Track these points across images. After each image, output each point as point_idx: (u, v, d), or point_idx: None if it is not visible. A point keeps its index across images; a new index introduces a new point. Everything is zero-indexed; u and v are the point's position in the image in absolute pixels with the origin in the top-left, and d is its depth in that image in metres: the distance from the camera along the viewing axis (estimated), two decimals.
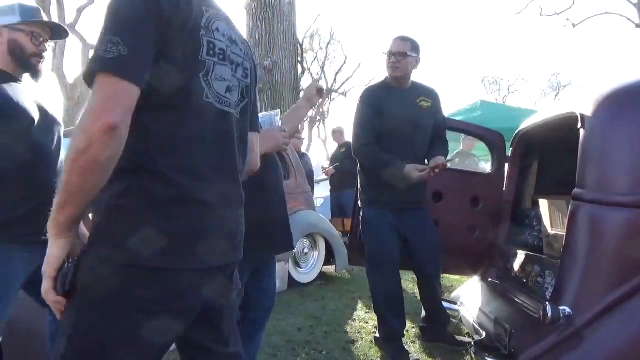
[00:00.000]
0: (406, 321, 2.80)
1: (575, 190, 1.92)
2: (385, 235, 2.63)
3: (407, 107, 2.65)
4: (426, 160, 2.75)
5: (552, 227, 2.58)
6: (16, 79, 1.75)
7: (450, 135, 2.96)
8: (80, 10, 12.54)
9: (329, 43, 22.45)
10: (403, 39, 2.64)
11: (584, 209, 1.89)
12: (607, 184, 1.85)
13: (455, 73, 50.07)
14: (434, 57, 47.54)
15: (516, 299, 2.41)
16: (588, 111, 1.97)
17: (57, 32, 1.85)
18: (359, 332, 3.22)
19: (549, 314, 1.76)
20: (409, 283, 4.39)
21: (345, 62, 22.93)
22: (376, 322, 2.86)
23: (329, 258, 4.87)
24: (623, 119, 1.86)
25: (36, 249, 1.63)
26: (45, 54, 1.81)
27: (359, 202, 2.83)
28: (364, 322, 3.45)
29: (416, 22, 51.45)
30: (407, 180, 2.50)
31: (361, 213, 2.79)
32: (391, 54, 2.62)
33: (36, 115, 1.71)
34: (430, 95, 2.76)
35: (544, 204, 2.68)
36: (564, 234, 2.03)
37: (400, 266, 2.71)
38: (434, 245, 2.73)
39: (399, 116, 2.62)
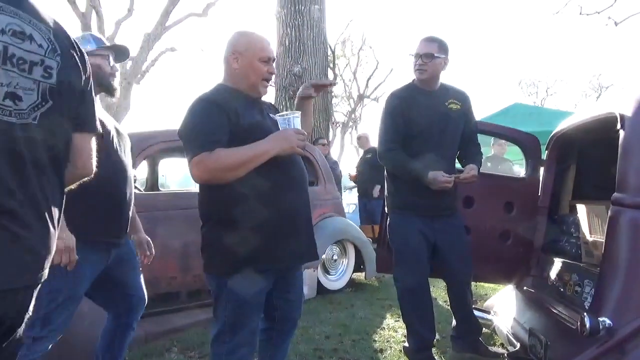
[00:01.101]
0: (436, 330, 2.72)
1: (615, 194, 1.82)
2: (413, 241, 2.56)
3: (435, 110, 2.58)
4: (458, 165, 2.67)
5: (591, 233, 2.46)
6: None
7: (480, 139, 2.87)
8: (118, 23, 12.93)
9: (360, 49, 22.41)
10: (430, 40, 2.56)
11: (625, 214, 1.79)
12: None
13: (491, 76, 49.07)
14: (469, 60, 46.86)
15: (552, 309, 2.30)
16: (628, 111, 1.87)
17: (119, 55, 2.16)
18: (387, 341, 3.15)
19: (588, 325, 1.67)
20: (440, 291, 4.28)
21: (377, 68, 22.80)
22: (405, 331, 2.79)
23: (359, 265, 4.81)
24: None
25: (103, 251, 1.96)
26: (117, 73, 2.10)
27: (386, 208, 2.78)
28: (393, 330, 3.37)
29: (450, 24, 50.89)
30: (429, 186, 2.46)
31: (388, 219, 2.73)
32: (418, 55, 2.54)
33: (112, 129, 2.00)
34: (460, 97, 2.67)
35: (582, 210, 2.56)
36: (604, 240, 1.92)
37: (429, 273, 2.64)
38: (465, 252, 2.64)
39: (426, 119, 2.56)
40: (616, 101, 2.04)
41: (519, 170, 6.08)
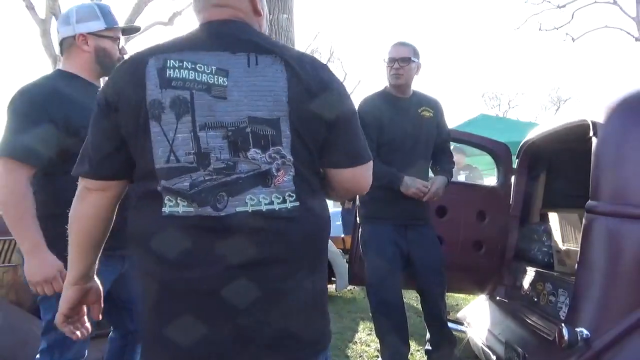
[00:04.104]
0: (410, 344, 2.65)
1: (589, 202, 1.80)
2: (386, 252, 2.49)
3: (408, 117, 2.54)
4: (431, 173, 2.64)
5: (563, 242, 2.45)
6: (95, 86, 1.74)
7: None
8: None
9: (328, 60, 22.50)
10: (404, 44, 2.55)
11: (600, 222, 1.76)
12: (625, 194, 1.73)
13: (455, 89, 50.27)
14: (433, 73, 47.94)
15: (527, 320, 2.27)
16: (600, 118, 1.86)
17: (129, 30, 1.85)
18: (360, 356, 3.06)
19: (566, 337, 1.63)
20: (412, 302, 4.23)
21: (344, 79, 22.94)
22: (378, 345, 2.71)
23: (329, 276, 4.71)
24: (638, 124, 1.75)
25: (116, 261, 1.73)
26: (125, 57, 1.75)
27: (358, 218, 2.70)
28: (366, 344, 3.29)
29: (415, 37, 51.96)
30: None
31: (360, 229, 2.66)
32: (393, 60, 2.51)
33: None
34: (432, 104, 2.65)
35: (554, 218, 2.55)
36: (577, 249, 1.90)
37: (402, 285, 2.57)
38: (439, 263, 2.59)
39: (399, 127, 2.51)
40: (588, 109, 2.03)
41: (488, 180, 6.13)
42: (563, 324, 1.68)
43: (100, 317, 1.28)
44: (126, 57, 1.75)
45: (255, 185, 1.00)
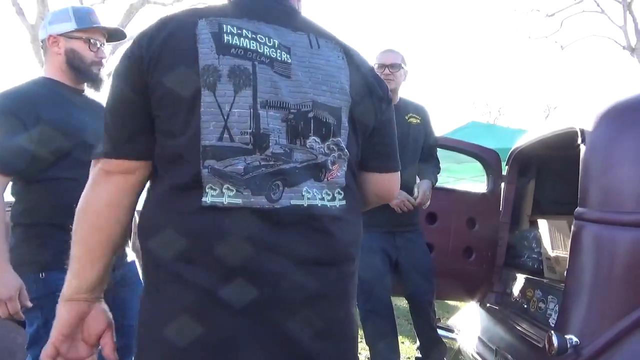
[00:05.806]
0: (400, 351, 2.64)
1: (578, 209, 1.80)
2: (374, 260, 2.48)
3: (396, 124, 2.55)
4: (417, 178, 2.64)
5: (552, 249, 2.46)
6: (78, 91, 1.70)
7: None
8: None
9: None
10: (393, 51, 2.58)
11: (589, 229, 1.76)
12: (613, 201, 1.74)
13: (445, 96, 50.68)
14: (424, 81, 48.29)
15: (517, 327, 2.26)
16: (588, 126, 1.87)
17: (115, 35, 1.76)
18: None
19: (555, 344, 1.62)
20: (403, 309, 4.21)
21: None
22: (368, 354, 2.69)
23: None
24: (627, 131, 1.76)
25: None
26: (104, 61, 1.70)
27: None
28: None
29: (406, 45, 52.36)
30: None
31: None
32: (383, 66, 2.52)
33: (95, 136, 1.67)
34: (420, 111, 2.67)
35: (543, 225, 2.56)
36: (566, 255, 1.91)
37: (391, 292, 2.56)
38: (428, 270, 2.59)
39: None
40: (576, 116, 2.05)
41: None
42: (552, 331, 1.67)
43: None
44: (104, 61, 1.68)
45: (307, 177, 0.90)
